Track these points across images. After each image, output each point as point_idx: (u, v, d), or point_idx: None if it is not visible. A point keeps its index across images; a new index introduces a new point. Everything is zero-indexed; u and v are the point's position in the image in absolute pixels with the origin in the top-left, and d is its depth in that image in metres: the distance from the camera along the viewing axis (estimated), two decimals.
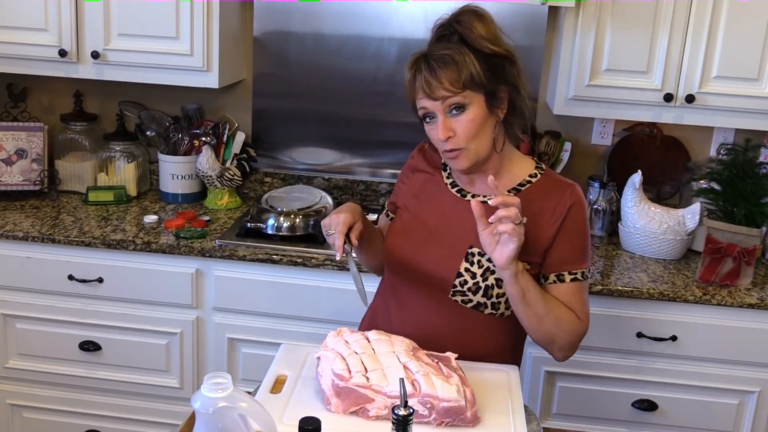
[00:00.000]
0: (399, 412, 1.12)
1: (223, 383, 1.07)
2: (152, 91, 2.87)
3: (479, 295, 1.60)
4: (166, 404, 2.55)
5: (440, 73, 1.50)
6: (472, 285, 1.59)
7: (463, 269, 1.60)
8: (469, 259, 1.60)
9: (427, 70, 1.51)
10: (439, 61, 1.51)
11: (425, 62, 1.52)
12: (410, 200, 1.74)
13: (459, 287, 1.60)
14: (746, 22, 2.34)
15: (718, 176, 2.49)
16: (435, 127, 1.55)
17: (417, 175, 1.76)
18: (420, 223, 1.69)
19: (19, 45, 2.58)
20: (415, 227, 1.69)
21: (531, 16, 2.71)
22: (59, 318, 2.49)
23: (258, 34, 2.85)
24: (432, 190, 1.71)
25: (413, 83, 1.56)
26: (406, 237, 1.70)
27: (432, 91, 1.51)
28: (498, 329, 1.66)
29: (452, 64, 1.50)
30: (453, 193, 1.67)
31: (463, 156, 1.56)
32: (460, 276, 1.60)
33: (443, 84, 1.50)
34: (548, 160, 2.69)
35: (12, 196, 2.75)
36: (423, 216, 1.69)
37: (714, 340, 2.28)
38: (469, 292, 1.60)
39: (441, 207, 1.67)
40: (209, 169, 2.71)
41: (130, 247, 2.40)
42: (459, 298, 1.61)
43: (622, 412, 2.37)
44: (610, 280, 2.31)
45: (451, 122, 1.53)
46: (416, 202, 1.72)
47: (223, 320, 2.45)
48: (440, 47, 1.53)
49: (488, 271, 1.59)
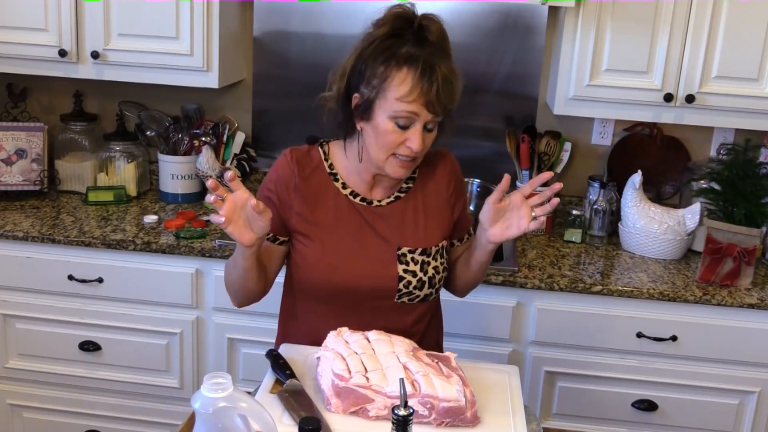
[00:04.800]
0: (399, 413, 1.12)
1: (223, 383, 1.07)
2: (152, 91, 2.87)
3: (426, 288, 1.64)
4: (166, 404, 2.55)
5: (448, 90, 1.50)
6: (416, 283, 1.62)
7: (402, 272, 1.61)
8: (403, 261, 1.61)
9: (442, 83, 1.49)
10: (450, 77, 1.50)
11: (442, 76, 1.48)
12: (309, 223, 1.62)
13: (404, 290, 1.62)
14: (746, 22, 2.34)
15: (718, 176, 2.49)
16: (406, 135, 1.52)
17: (297, 193, 1.62)
18: (337, 244, 1.61)
19: (19, 45, 2.58)
20: (334, 249, 1.61)
21: (531, 16, 2.72)
22: (59, 318, 2.49)
23: (258, 34, 2.85)
24: (328, 206, 1.63)
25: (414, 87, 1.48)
26: (331, 262, 1.60)
27: (436, 106, 1.50)
28: (435, 304, 1.74)
29: (454, 87, 1.52)
30: (356, 202, 1.64)
31: (413, 166, 1.60)
32: (402, 280, 1.61)
33: (445, 104, 1.51)
34: (548, 160, 2.69)
35: (12, 196, 2.75)
36: (335, 235, 1.61)
37: (714, 340, 2.28)
38: (415, 290, 1.63)
39: (349, 220, 1.63)
40: (209, 169, 2.71)
41: (130, 247, 2.40)
42: (405, 299, 1.64)
43: (622, 412, 2.37)
44: (610, 280, 2.31)
45: (423, 135, 1.53)
46: (318, 224, 1.62)
47: (223, 320, 2.45)
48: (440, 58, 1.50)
49: (424, 263, 1.63)
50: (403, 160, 1.55)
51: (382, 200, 1.66)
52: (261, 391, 1.44)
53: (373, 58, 1.51)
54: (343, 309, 1.62)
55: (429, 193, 1.67)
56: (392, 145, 1.53)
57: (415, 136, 1.51)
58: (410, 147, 1.52)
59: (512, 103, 2.81)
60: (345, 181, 1.65)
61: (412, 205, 1.67)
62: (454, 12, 2.72)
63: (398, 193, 1.67)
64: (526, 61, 2.77)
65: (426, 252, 1.64)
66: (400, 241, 1.59)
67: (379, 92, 1.51)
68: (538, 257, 2.47)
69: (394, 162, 1.56)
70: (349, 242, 1.62)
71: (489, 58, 2.77)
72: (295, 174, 1.62)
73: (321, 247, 1.61)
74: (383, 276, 1.61)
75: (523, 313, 2.34)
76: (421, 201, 1.67)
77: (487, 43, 2.75)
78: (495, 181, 2.68)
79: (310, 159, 1.65)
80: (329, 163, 1.66)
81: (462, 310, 2.32)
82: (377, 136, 1.54)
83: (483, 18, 2.73)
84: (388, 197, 1.66)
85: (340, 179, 1.65)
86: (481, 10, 2.72)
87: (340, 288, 1.61)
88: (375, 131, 1.54)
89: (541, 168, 2.69)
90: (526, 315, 2.34)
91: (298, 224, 1.63)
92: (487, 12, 2.72)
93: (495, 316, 2.33)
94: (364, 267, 1.61)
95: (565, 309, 2.31)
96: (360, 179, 1.65)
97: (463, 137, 2.82)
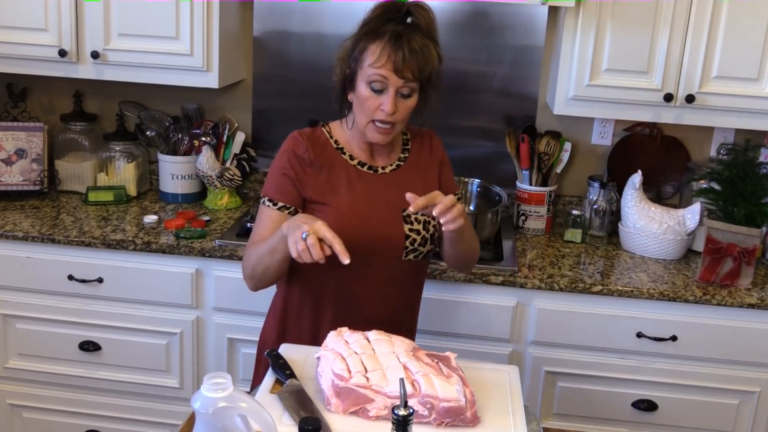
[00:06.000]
0: (399, 413, 1.12)
1: (223, 383, 1.07)
2: (152, 91, 2.87)
3: (428, 245, 1.81)
4: (166, 404, 2.55)
5: (416, 58, 1.64)
6: (420, 240, 1.79)
7: (407, 231, 1.77)
8: (408, 221, 1.78)
9: (408, 51, 1.64)
10: (418, 48, 1.65)
11: (407, 42, 1.64)
12: (325, 192, 1.76)
13: (410, 247, 1.78)
14: (746, 22, 2.34)
15: (718, 176, 2.49)
16: (381, 99, 1.67)
17: (313, 167, 1.76)
18: (352, 207, 1.75)
19: (19, 45, 2.58)
20: (350, 212, 1.75)
21: (531, 16, 2.72)
22: (59, 318, 2.49)
23: (258, 34, 2.85)
24: (341, 176, 1.78)
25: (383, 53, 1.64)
26: (347, 223, 1.71)
27: (403, 70, 1.64)
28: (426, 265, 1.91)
29: (423, 57, 1.66)
30: (364, 171, 1.80)
31: (391, 132, 1.73)
32: (408, 238, 1.77)
33: (413, 69, 1.65)
34: (548, 160, 2.69)
35: (12, 196, 2.75)
36: (348, 199, 1.76)
37: (714, 340, 2.28)
38: (420, 246, 1.79)
39: (360, 187, 1.78)
40: (209, 169, 2.71)
41: (130, 247, 2.40)
42: (411, 256, 1.79)
43: (622, 412, 2.37)
44: (610, 280, 2.31)
45: (397, 101, 1.68)
46: (334, 191, 1.76)
47: (223, 320, 2.45)
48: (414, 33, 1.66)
49: (426, 222, 1.79)
50: (380, 126, 1.70)
51: (386, 168, 1.82)
52: (261, 391, 1.44)
53: (359, 36, 1.70)
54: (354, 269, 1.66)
55: (422, 161, 1.87)
56: (370, 109, 1.69)
57: (387, 99, 1.67)
58: (384, 110, 1.67)
59: (512, 103, 2.81)
60: (350, 153, 1.81)
61: (411, 171, 1.84)
62: (454, 12, 2.72)
63: (398, 162, 1.84)
64: (526, 61, 2.77)
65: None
66: (403, 203, 1.67)
67: (358, 63, 1.69)
68: (538, 257, 2.47)
69: (372, 128, 1.72)
70: (361, 205, 1.76)
71: (489, 58, 2.77)
72: (309, 150, 1.77)
73: (337, 210, 1.74)
74: (392, 237, 1.76)
75: (523, 313, 2.34)
76: (417, 167, 1.85)
77: (488, 43, 2.75)
78: (495, 181, 2.71)
79: (317, 137, 1.81)
80: (334, 139, 1.82)
81: (462, 310, 2.32)
82: (359, 104, 1.71)
83: (483, 18, 2.73)
84: (391, 165, 1.83)
85: (347, 152, 1.81)
86: (481, 9, 2.72)
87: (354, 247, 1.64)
88: (358, 99, 1.71)
89: (541, 168, 2.69)
90: (526, 315, 2.34)
91: (315, 194, 1.76)
92: (487, 12, 2.72)
93: (495, 316, 2.33)
94: (375, 227, 1.75)
95: (565, 309, 2.31)
96: (360, 149, 1.81)
97: (463, 137, 2.82)
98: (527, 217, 2.70)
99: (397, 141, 1.86)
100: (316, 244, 1.51)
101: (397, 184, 1.80)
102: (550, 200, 2.70)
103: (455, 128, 2.81)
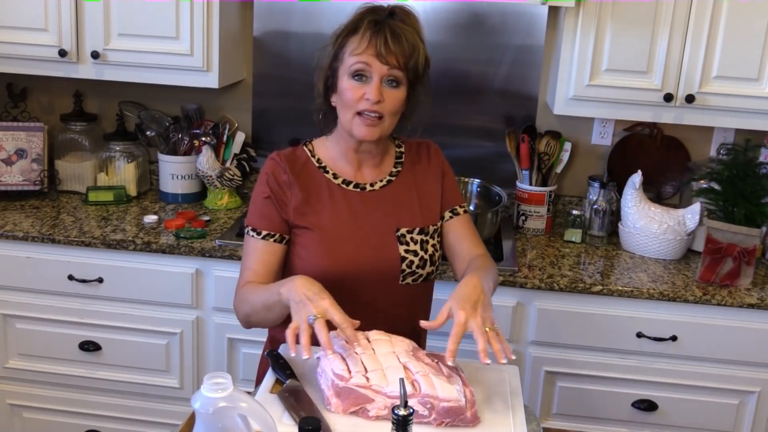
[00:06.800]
0: (399, 412, 1.12)
1: (223, 383, 1.07)
2: (152, 91, 2.87)
3: (428, 267, 1.69)
4: (166, 404, 2.55)
5: (400, 44, 1.57)
6: (418, 262, 1.67)
7: (403, 252, 1.66)
8: (402, 242, 1.67)
9: (391, 36, 1.57)
10: (401, 33, 1.58)
11: (389, 28, 1.57)
12: (307, 214, 1.66)
13: (407, 269, 1.67)
14: (746, 22, 2.34)
15: (718, 176, 2.49)
16: (364, 87, 1.58)
17: (293, 189, 1.67)
18: (337, 231, 1.65)
19: (19, 45, 2.58)
20: (335, 236, 1.65)
21: (531, 16, 2.71)
22: (59, 318, 2.49)
23: (258, 34, 2.85)
24: (323, 196, 1.67)
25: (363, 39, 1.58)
26: (332, 249, 1.64)
27: (386, 55, 1.56)
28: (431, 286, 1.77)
29: (409, 44, 1.58)
30: (349, 190, 1.70)
31: (378, 126, 1.61)
32: (404, 260, 1.66)
33: (397, 55, 1.57)
34: (548, 160, 2.69)
35: (12, 196, 2.75)
36: (333, 223, 1.66)
37: (714, 340, 2.28)
38: (418, 269, 1.68)
39: (344, 208, 1.67)
40: (209, 169, 2.71)
41: (130, 247, 2.40)
42: (410, 280, 1.68)
43: (622, 412, 2.37)
44: (610, 280, 2.31)
45: (383, 90, 1.59)
46: (316, 213, 1.66)
47: (223, 320, 2.45)
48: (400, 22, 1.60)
49: (423, 242, 1.69)
50: (366, 117, 1.60)
51: (375, 184, 1.71)
52: (261, 391, 1.44)
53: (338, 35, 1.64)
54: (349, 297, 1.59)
55: (418, 174, 1.75)
56: (353, 100, 1.59)
57: (371, 87, 1.58)
58: (368, 98, 1.58)
59: (512, 103, 2.81)
60: (334, 171, 1.71)
61: (404, 186, 1.73)
62: (454, 12, 2.72)
63: (389, 177, 1.74)
64: (526, 61, 2.77)
65: (424, 231, 1.70)
66: (398, 222, 1.63)
67: (339, 57, 1.62)
68: (538, 257, 2.47)
69: (359, 121, 1.61)
70: (347, 229, 1.66)
71: (489, 58, 2.77)
72: (287, 171, 1.68)
73: (321, 235, 1.65)
74: (386, 260, 1.66)
75: (523, 313, 2.34)
76: (412, 182, 1.74)
77: (488, 43, 2.75)
78: (495, 181, 2.71)
79: (297, 157, 1.72)
80: (316, 158, 1.73)
81: None
82: (342, 99, 1.62)
83: (483, 18, 2.73)
84: (381, 181, 1.72)
85: (330, 170, 1.71)
86: (481, 9, 2.72)
87: (345, 274, 1.62)
88: (340, 95, 1.62)
89: (541, 168, 2.69)
90: (526, 315, 2.34)
91: (296, 218, 1.66)
92: (487, 12, 2.72)
93: (495, 316, 2.32)
94: (366, 251, 1.65)
95: (565, 309, 2.31)
96: (346, 162, 1.71)
97: (463, 137, 2.82)
98: (527, 217, 2.70)
99: (389, 153, 1.76)
100: (324, 330, 1.38)
101: (388, 201, 1.70)
102: (550, 200, 2.70)
103: (455, 128, 2.81)
